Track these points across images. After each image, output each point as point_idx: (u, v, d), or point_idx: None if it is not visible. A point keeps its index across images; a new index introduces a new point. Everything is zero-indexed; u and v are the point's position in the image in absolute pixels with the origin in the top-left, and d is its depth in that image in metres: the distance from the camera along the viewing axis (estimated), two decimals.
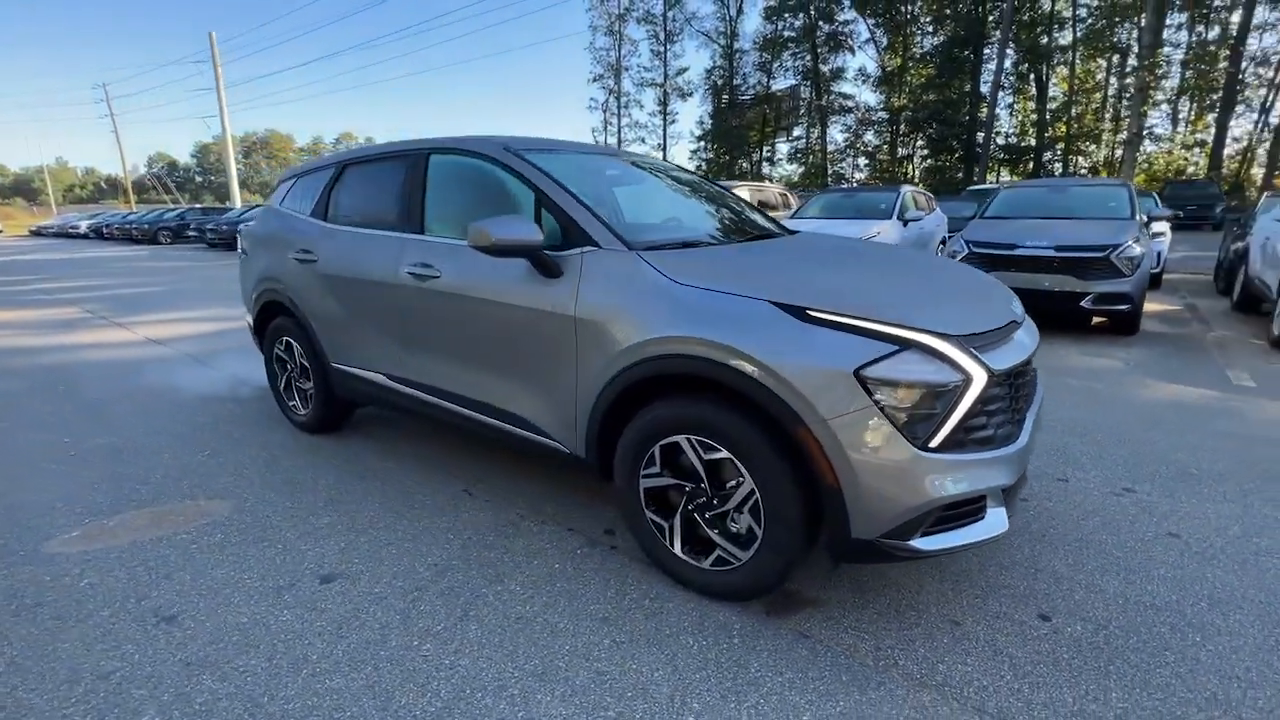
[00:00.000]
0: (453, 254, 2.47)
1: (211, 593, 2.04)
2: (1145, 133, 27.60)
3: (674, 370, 1.86)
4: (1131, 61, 29.74)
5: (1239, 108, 28.01)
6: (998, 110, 28.83)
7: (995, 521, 1.76)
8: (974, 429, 1.68)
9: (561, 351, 2.14)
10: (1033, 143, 32.34)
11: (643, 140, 41.76)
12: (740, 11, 38.35)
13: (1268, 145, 27.80)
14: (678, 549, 2.01)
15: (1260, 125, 28.89)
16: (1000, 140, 32.04)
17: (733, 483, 1.85)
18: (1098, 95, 32.13)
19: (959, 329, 1.71)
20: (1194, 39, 28.89)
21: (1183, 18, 28.07)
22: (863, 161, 38.82)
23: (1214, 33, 28.35)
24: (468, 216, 2.58)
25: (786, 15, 36.06)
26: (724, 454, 1.82)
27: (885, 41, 35.70)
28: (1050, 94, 32.11)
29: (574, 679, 1.66)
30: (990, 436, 1.71)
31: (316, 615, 1.93)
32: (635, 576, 2.13)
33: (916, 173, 35.85)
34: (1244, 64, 27.09)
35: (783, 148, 41.24)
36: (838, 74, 36.92)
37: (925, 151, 35.39)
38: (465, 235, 2.45)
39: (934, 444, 1.62)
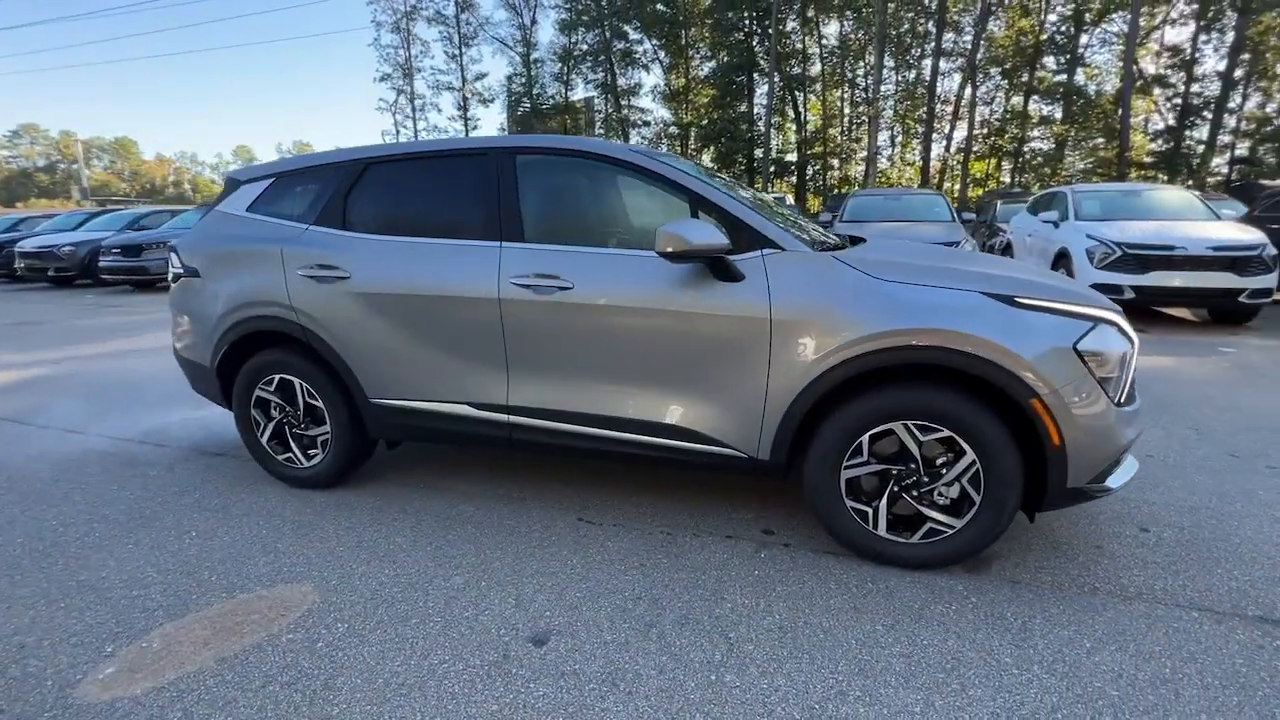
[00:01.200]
0: (588, 262, 2.27)
1: (413, 689, 1.64)
2: (877, 153, 34.01)
3: (901, 361, 1.98)
4: (860, 94, 36.57)
5: (935, 135, 36.01)
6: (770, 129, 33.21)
7: (1133, 461, 2.20)
8: (1130, 386, 2.09)
9: (749, 355, 2.12)
10: (795, 158, 37.80)
11: None
12: (534, 22, 38.54)
13: (956, 163, 36.22)
14: (883, 531, 2.14)
15: (947, 148, 37.47)
16: (773, 154, 36.85)
17: (943, 459, 2.04)
18: (841, 120, 38.69)
19: (1114, 306, 2.11)
20: (901, 80, 36.45)
21: (895, 61, 35.20)
22: None
23: (913, 75, 36.13)
24: (594, 222, 2.44)
25: (580, 29, 37.18)
26: (944, 433, 2.00)
27: (669, 62, 38.75)
28: (806, 117, 37.83)
29: (892, 667, 1.70)
30: (1133, 393, 2.14)
31: (574, 679, 1.67)
32: (835, 566, 2.19)
33: None
34: (936, 101, 34.95)
35: None
36: (635, 89, 39.08)
37: (714, 165, 39.23)
38: (592, 242, 2.33)
39: (1121, 400, 1.99)
